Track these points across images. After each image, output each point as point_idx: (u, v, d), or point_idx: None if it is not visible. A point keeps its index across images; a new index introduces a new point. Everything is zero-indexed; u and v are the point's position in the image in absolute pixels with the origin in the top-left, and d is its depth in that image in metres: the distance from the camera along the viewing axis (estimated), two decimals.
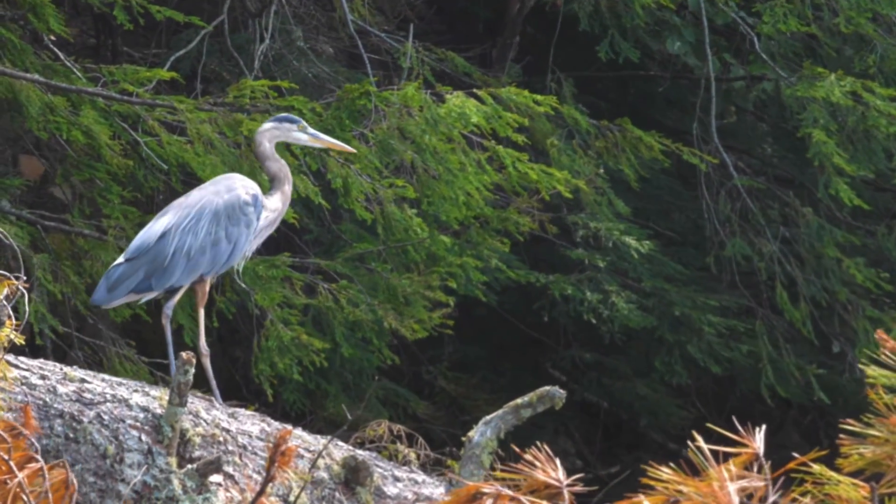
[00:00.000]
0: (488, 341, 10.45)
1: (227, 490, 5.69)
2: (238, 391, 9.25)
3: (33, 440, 4.16)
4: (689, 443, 3.78)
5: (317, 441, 5.91)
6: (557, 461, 3.74)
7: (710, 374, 9.95)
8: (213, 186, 6.06)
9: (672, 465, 3.75)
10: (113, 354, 8.01)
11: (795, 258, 9.86)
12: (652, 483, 3.70)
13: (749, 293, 10.02)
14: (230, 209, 5.96)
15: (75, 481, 4.27)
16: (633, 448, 10.70)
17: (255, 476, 5.73)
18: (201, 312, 6.10)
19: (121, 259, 5.96)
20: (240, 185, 6.03)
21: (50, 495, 4.06)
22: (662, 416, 10.25)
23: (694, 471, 3.86)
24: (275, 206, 6.06)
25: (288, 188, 6.06)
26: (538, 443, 3.73)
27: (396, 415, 9.30)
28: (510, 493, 3.79)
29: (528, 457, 3.73)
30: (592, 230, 9.45)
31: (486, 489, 3.73)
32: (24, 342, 5.35)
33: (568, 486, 3.80)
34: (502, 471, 3.67)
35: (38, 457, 4.12)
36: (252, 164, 7.71)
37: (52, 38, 8.02)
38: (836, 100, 8.97)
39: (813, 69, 9.19)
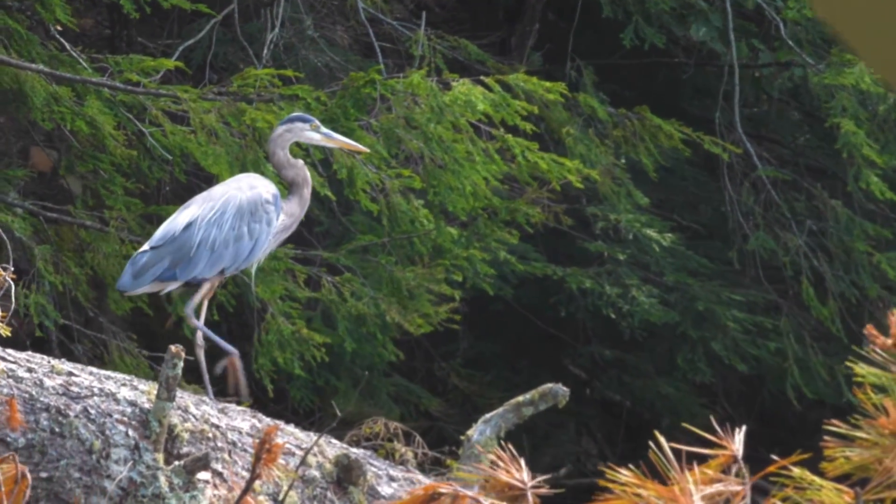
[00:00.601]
0: (504, 337, 10.23)
1: (214, 488, 5.58)
2: (247, 386, 9.12)
3: None
4: (651, 443, 3.57)
5: (310, 438, 5.78)
6: (522, 461, 3.58)
7: (737, 372, 9.66)
8: (235, 183, 6.10)
9: (632, 467, 3.56)
10: (114, 348, 7.94)
11: (823, 252, 9.54)
12: (610, 486, 3.50)
13: (774, 289, 9.72)
14: (253, 206, 6.00)
15: (29, 475, 4.16)
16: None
17: (243, 473, 5.62)
18: (204, 305, 6.07)
19: (146, 247, 5.97)
20: (261, 184, 6.05)
21: (2, 488, 3.95)
22: (686, 415, 9.95)
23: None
24: (292, 210, 6.07)
25: (307, 192, 6.09)
26: (502, 441, 3.56)
27: (408, 412, 9.13)
28: (469, 493, 3.64)
29: (491, 456, 3.57)
30: (612, 222, 9.21)
31: (444, 489, 3.59)
32: (12, 334, 5.26)
33: (532, 487, 3.64)
34: (462, 471, 3.53)
35: None
36: (256, 155, 7.61)
37: (59, 28, 7.95)
38: (865, 87, 8.67)
39: (841, 56, 8.88)
